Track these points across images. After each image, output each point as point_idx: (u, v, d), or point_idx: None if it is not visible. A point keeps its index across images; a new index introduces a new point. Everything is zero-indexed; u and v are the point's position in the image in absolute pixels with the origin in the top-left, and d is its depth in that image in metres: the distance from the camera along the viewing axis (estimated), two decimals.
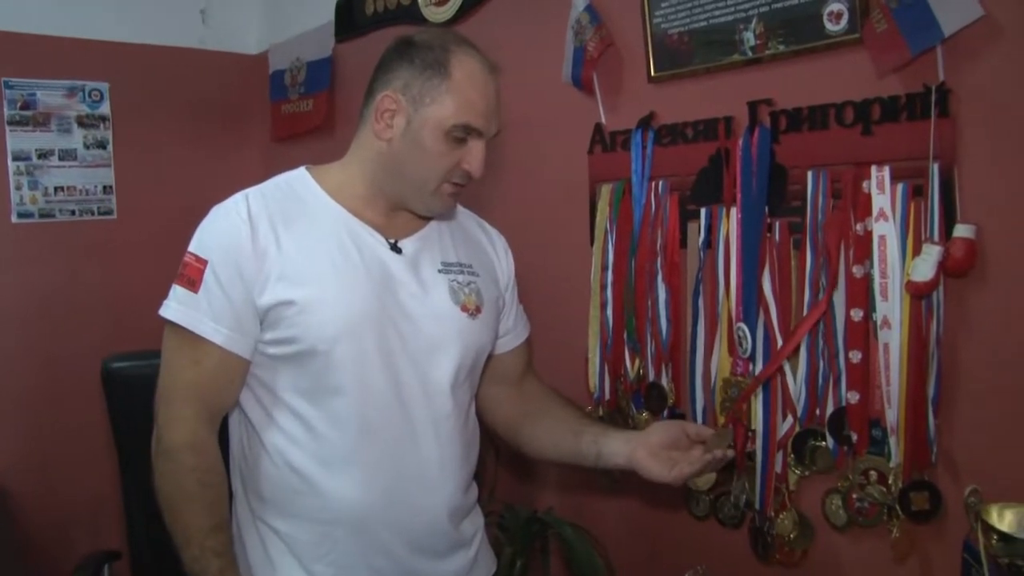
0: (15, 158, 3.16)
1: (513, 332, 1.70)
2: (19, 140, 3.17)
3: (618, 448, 1.53)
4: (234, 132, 3.60)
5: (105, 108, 3.31)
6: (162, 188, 3.41)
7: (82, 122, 3.27)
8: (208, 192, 3.34)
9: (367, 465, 1.41)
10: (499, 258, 1.67)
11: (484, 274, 1.59)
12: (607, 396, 2.11)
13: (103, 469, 2.94)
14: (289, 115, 3.34)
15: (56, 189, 3.24)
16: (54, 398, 3.19)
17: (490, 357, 1.65)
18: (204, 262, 1.39)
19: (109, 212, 3.33)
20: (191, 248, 1.42)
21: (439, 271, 1.52)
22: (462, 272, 1.55)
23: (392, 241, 1.48)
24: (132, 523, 2.11)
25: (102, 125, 3.31)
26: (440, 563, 1.50)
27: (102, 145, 3.31)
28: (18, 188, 3.17)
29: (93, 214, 3.30)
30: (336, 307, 1.39)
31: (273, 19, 3.56)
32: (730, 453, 1.49)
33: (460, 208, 1.65)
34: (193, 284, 1.39)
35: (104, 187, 3.33)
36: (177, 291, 1.41)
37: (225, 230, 1.40)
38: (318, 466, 1.41)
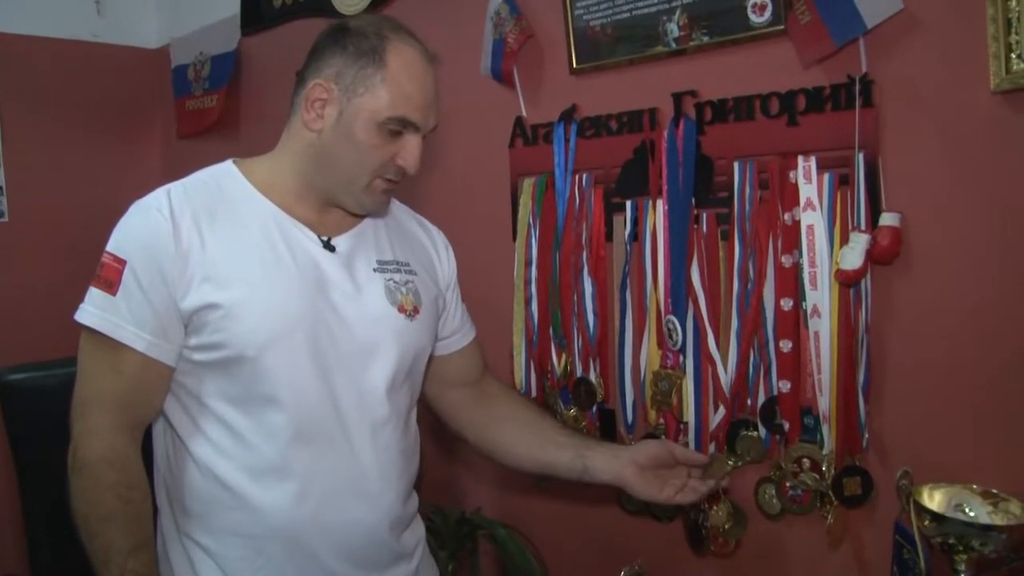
0: None
1: (460, 331, 1.64)
2: None
3: (605, 465, 1.52)
4: (134, 129, 3.46)
5: None
6: (57, 188, 3.25)
7: None
8: (107, 192, 3.28)
9: (300, 476, 1.34)
10: (439, 256, 1.62)
11: (423, 273, 1.53)
12: (534, 393, 2.08)
13: (1, 488, 2.77)
14: (194, 111, 3.22)
15: None
16: None
17: (434, 360, 1.59)
18: (123, 262, 1.30)
19: (0, 214, 3.15)
20: (109, 247, 1.33)
21: (374, 270, 1.45)
22: (399, 271, 1.49)
23: (325, 239, 1.41)
24: (35, 546, 1.98)
25: None
26: None
27: None
28: None
29: None
30: (265, 310, 1.32)
31: (173, 12, 3.43)
32: (724, 483, 1.56)
33: (398, 204, 1.59)
34: (111, 286, 1.30)
35: None
36: (93, 294, 1.31)
37: (145, 228, 1.31)
38: (248, 478, 1.33)
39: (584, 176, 1.94)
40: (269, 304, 1.32)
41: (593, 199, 1.93)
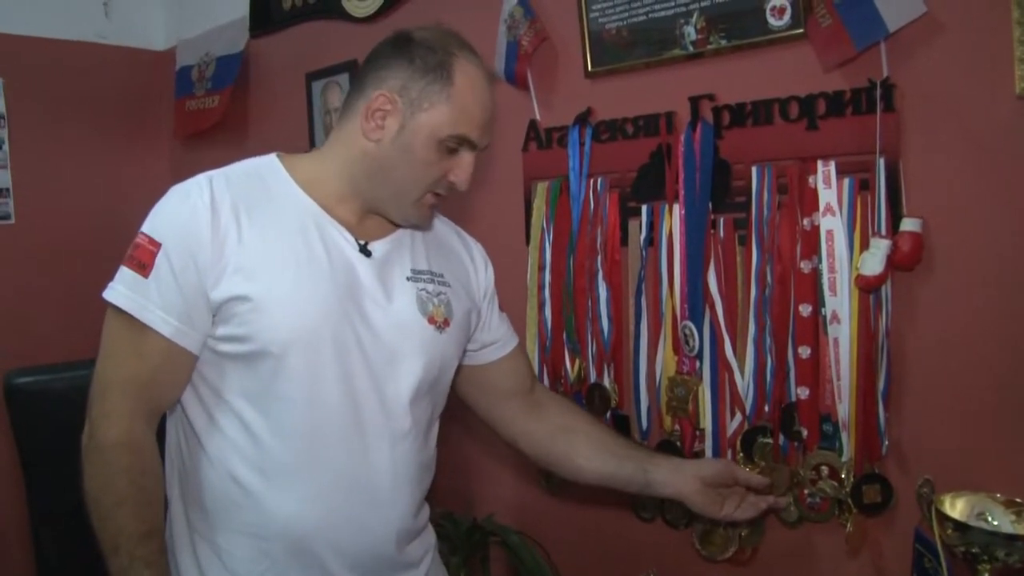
0: None
1: (502, 340, 1.61)
2: None
3: (668, 479, 1.55)
4: (141, 132, 3.45)
5: (0, 105, 3.11)
6: (64, 191, 3.24)
7: None
8: (115, 195, 3.27)
9: (312, 480, 1.32)
10: (476, 268, 1.58)
11: (457, 285, 1.50)
12: None
13: (7, 492, 2.75)
14: (193, 112, 3.19)
15: None
16: None
17: (480, 370, 1.58)
18: (157, 245, 1.28)
19: (6, 216, 3.13)
20: (144, 228, 1.31)
21: (408, 279, 1.43)
22: (432, 281, 1.46)
23: (362, 243, 1.39)
24: (41, 549, 1.97)
25: None
26: None
27: None
28: None
29: None
30: (293, 307, 1.30)
31: (181, 14, 3.41)
32: (783, 502, 1.63)
33: (438, 215, 1.57)
34: (144, 268, 1.28)
35: (0, 189, 3.13)
36: (125, 273, 1.29)
37: (183, 213, 1.29)
38: (260, 478, 1.31)
39: (599, 180, 1.93)
40: (298, 301, 1.30)
41: (608, 203, 1.92)
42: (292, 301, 1.30)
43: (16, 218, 3.15)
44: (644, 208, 1.86)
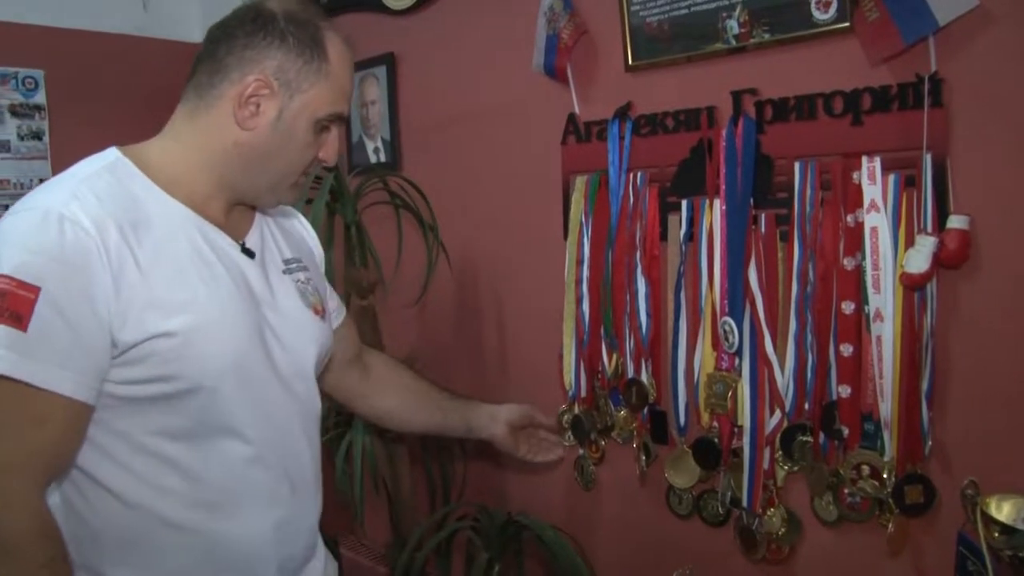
0: None
1: (337, 308, 1.59)
2: None
3: (484, 424, 1.79)
4: None
5: (40, 97, 3.15)
6: None
7: (15, 111, 3.11)
8: None
9: (256, 497, 1.27)
10: (310, 239, 1.52)
11: (311, 266, 1.45)
12: (583, 393, 2.06)
13: None
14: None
15: None
16: None
17: None
18: (34, 289, 1.06)
19: None
20: (8, 271, 1.07)
21: (283, 272, 1.36)
22: (299, 269, 1.40)
23: (241, 243, 1.30)
24: None
25: (37, 115, 3.15)
26: (303, 572, 1.40)
27: (37, 136, 3.15)
28: None
29: None
30: (220, 334, 1.19)
31: (217, 6, 3.42)
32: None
33: None
34: (19, 320, 1.05)
35: (40, 181, 3.15)
36: None
37: (63, 245, 1.09)
38: (203, 514, 1.22)
39: (639, 174, 1.92)
40: (224, 327, 1.20)
41: (648, 198, 1.90)
42: (219, 328, 1.19)
43: None
44: (684, 203, 1.84)
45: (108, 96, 3.29)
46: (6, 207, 3.05)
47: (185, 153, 1.26)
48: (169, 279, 1.16)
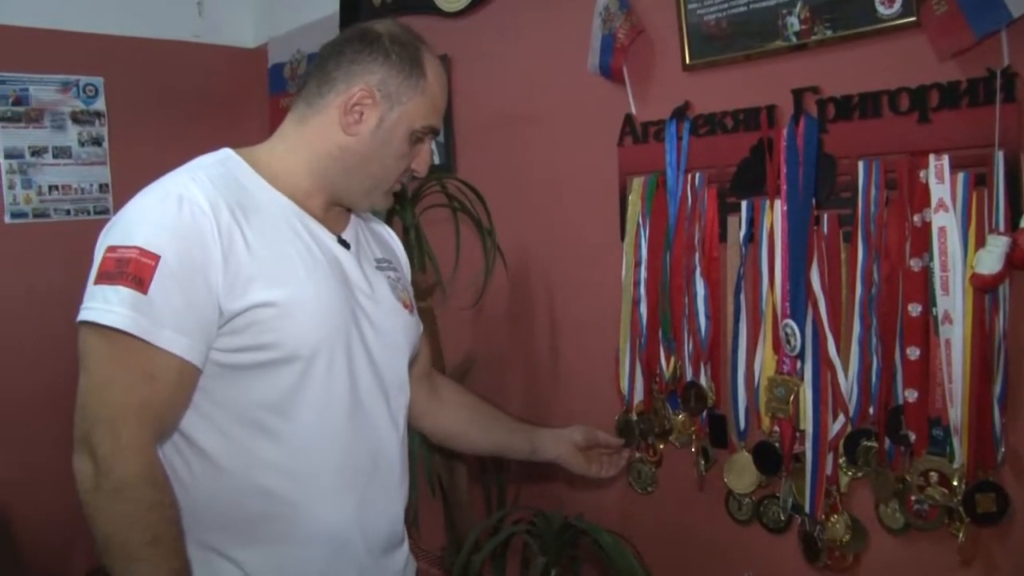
0: (7, 156, 3.07)
1: (417, 323, 1.64)
2: (11, 137, 3.08)
3: (549, 446, 1.82)
4: (232, 128, 3.50)
5: (100, 104, 3.22)
6: None
7: (77, 118, 3.18)
8: None
9: (341, 475, 1.36)
10: (398, 248, 1.65)
11: (400, 268, 1.58)
12: (640, 396, 2.04)
13: None
14: (287, 109, 3.23)
15: (50, 188, 3.15)
16: (54, 407, 3.07)
17: None
18: (155, 257, 1.18)
19: (106, 211, 3.23)
20: (132, 241, 1.20)
21: (376, 267, 1.48)
22: (391, 268, 1.52)
23: (338, 235, 1.42)
24: None
25: (97, 121, 3.22)
26: (389, 559, 1.47)
27: (97, 142, 3.22)
28: (11, 187, 3.08)
29: (89, 214, 3.20)
30: (317, 309, 1.30)
31: (271, 12, 3.47)
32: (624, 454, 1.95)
33: None
34: (141, 284, 1.17)
35: (100, 185, 3.24)
36: (118, 292, 1.18)
37: (182, 220, 1.21)
38: (293, 484, 1.31)
39: (697, 175, 1.89)
40: (320, 303, 1.31)
41: (706, 199, 1.87)
42: (316, 303, 1.30)
43: (115, 213, 3.23)
44: (744, 204, 1.81)
45: (165, 102, 3.35)
46: (68, 212, 3.15)
47: (291, 153, 1.40)
48: (272, 256, 1.28)
